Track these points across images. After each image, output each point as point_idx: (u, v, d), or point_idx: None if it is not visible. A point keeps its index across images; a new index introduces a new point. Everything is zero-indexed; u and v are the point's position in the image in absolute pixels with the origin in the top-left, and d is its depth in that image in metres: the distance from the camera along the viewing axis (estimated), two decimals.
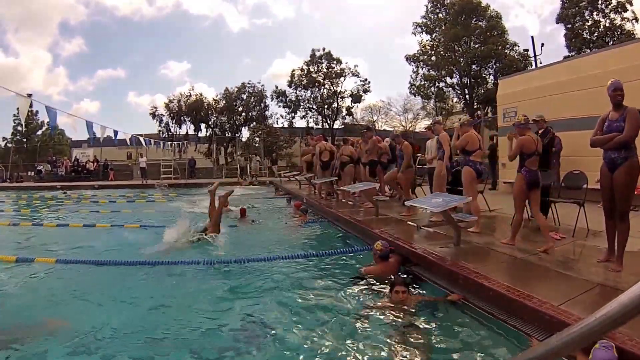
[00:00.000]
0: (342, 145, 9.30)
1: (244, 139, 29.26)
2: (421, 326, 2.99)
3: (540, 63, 20.13)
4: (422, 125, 28.46)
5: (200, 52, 52.52)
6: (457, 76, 26.65)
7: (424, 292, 3.72)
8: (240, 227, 7.33)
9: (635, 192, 6.69)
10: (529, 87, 9.42)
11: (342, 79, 29.55)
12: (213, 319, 3.27)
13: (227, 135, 28.74)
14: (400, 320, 3.08)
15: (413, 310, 3.18)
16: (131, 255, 5.13)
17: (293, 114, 29.96)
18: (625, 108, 3.40)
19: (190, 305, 3.62)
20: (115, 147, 24.09)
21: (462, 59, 26.00)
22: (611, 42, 20.88)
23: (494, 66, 25.54)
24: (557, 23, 24.70)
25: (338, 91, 29.70)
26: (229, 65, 52.05)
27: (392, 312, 3.22)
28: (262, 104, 29.25)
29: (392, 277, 3.83)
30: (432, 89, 27.61)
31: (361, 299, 3.60)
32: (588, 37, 23.20)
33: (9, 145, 32.61)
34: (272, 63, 64.44)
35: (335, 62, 29.30)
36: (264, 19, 55.81)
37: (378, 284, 3.94)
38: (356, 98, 29.86)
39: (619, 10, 22.46)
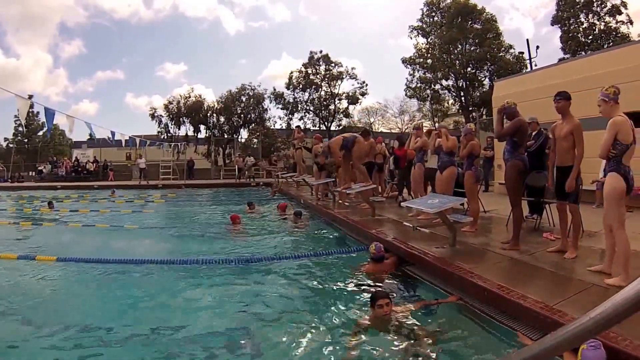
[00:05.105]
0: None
1: (242, 140, 29.22)
2: (416, 326, 2.99)
3: (536, 65, 20.25)
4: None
5: (196, 54, 52.51)
6: (453, 78, 26.76)
7: (420, 295, 3.72)
8: (236, 230, 7.30)
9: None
10: (524, 89, 9.47)
11: (339, 81, 29.59)
12: (209, 318, 3.27)
13: (225, 136, 28.65)
14: (395, 321, 3.08)
15: (402, 320, 3.12)
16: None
17: (291, 116, 29.98)
18: None
19: (188, 304, 3.61)
20: (114, 148, 24.03)
21: (457, 62, 26.10)
22: (606, 45, 21.03)
23: (490, 69, 25.68)
24: (552, 25, 24.90)
25: (335, 93, 29.71)
26: (225, 66, 51.98)
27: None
28: (260, 106, 29.18)
29: (375, 289, 3.59)
30: (428, 91, 27.71)
31: (357, 299, 3.60)
32: (583, 39, 23.35)
33: (11, 145, 32.47)
34: (268, 65, 64.53)
35: (333, 64, 29.34)
36: (260, 21, 55.90)
37: (374, 283, 3.95)
38: (353, 100, 29.90)
39: (614, 13, 22.64)
